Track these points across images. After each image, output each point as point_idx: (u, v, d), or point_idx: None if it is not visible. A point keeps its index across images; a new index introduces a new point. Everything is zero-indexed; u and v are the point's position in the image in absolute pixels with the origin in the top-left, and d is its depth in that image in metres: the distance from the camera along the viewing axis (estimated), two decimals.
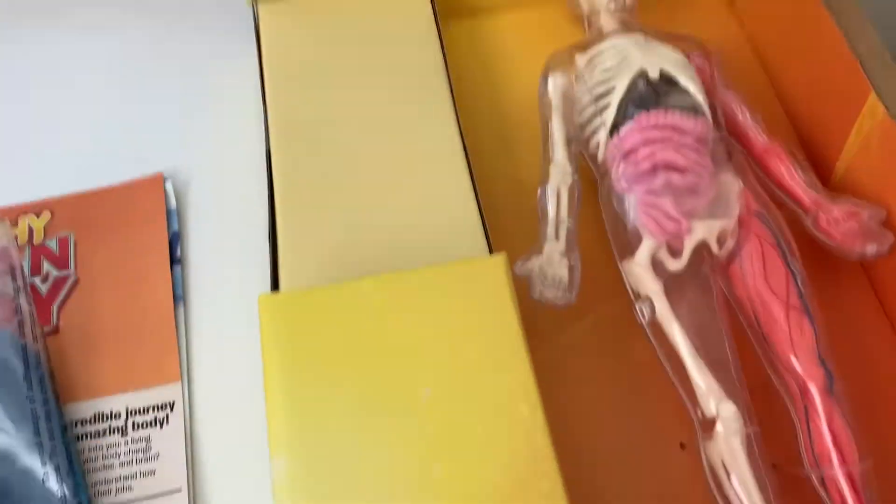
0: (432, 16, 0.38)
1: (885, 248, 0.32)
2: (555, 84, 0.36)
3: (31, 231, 0.37)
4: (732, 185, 0.33)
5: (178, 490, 0.31)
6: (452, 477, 0.25)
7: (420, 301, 0.28)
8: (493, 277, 0.29)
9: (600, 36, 0.37)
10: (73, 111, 0.40)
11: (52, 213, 0.37)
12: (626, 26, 0.37)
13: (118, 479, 0.32)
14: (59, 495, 0.30)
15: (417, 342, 0.27)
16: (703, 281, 0.32)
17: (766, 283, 0.31)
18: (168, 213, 0.37)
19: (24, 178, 0.38)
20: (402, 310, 0.28)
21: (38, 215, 0.37)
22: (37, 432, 0.31)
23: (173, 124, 0.40)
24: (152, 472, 0.32)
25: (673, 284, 0.31)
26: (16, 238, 0.36)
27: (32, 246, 0.37)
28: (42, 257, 0.36)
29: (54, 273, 0.36)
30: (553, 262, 0.32)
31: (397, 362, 0.27)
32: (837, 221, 0.32)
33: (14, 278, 0.34)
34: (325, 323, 0.28)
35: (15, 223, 0.37)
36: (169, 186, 0.38)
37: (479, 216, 0.32)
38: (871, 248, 0.32)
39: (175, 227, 0.37)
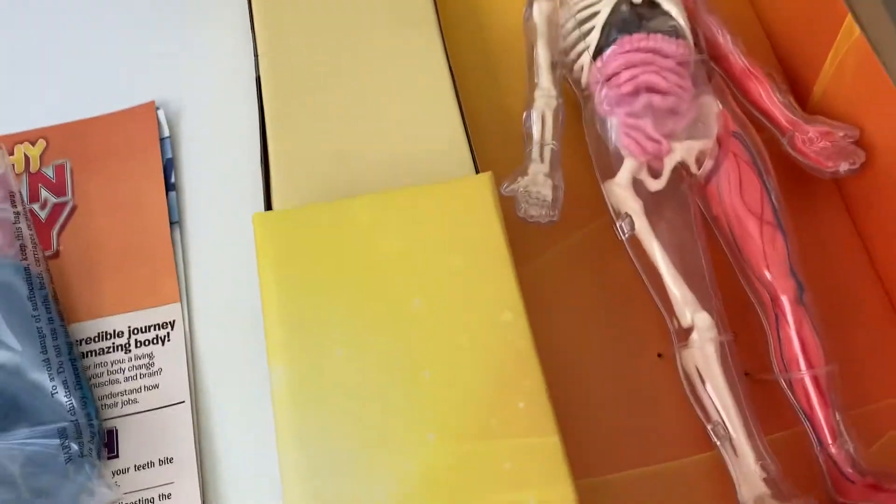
0: None
1: (857, 166, 0.33)
2: (539, 9, 0.37)
3: (27, 159, 0.38)
4: (711, 106, 0.34)
5: (182, 402, 0.33)
6: (441, 380, 0.26)
7: (409, 218, 0.29)
8: (479, 195, 0.30)
9: None
10: (65, 41, 0.41)
11: (47, 142, 0.38)
12: None
13: (123, 392, 0.33)
14: (68, 407, 0.31)
15: (407, 256, 0.28)
16: (681, 199, 0.33)
17: (742, 200, 0.32)
18: (161, 140, 0.38)
19: (17, 107, 0.39)
20: (392, 226, 0.29)
21: (33, 143, 0.38)
22: (44, 349, 0.32)
23: (164, 53, 0.40)
24: (156, 386, 0.33)
25: (652, 204, 0.33)
26: (13, 166, 0.37)
27: (29, 174, 0.37)
28: (39, 185, 0.37)
29: (52, 199, 0.37)
30: (537, 181, 0.33)
31: (388, 275, 0.28)
32: (812, 140, 0.33)
33: (13, 204, 0.35)
34: (318, 239, 0.29)
35: (11, 152, 0.38)
36: (161, 115, 0.38)
37: (465, 139, 0.33)
38: (843, 166, 0.33)
39: (168, 154, 0.38)
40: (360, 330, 0.27)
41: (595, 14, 0.35)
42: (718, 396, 0.30)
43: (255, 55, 0.35)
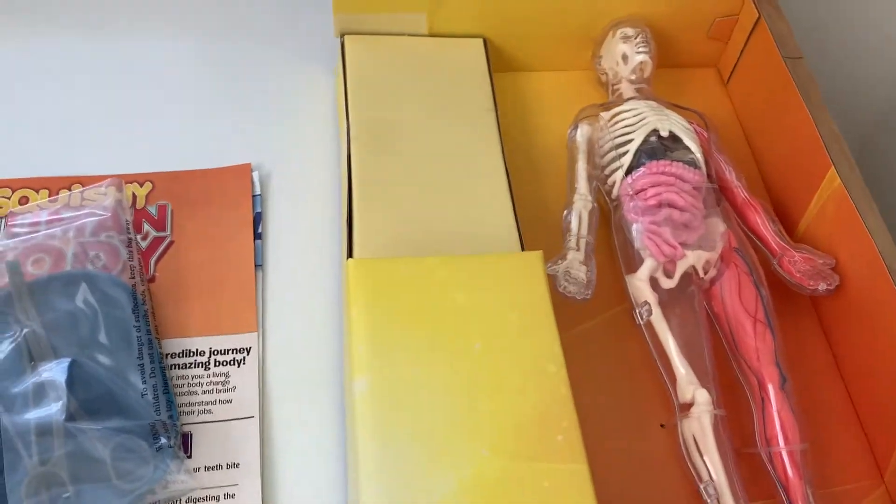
0: (486, 66, 0.47)
1: (833, 287, 0.40)
2: (582, 132, 0.45)
3: (134, 197, 0.44)
4: (718, 225, 0.41)
5: (251, 417, 0.38)
6: (493, 412, 0.32)
7: (474, 277, 0.36)
8: (532, 267, 0.36)
9: (620, 100, 0.46)
10: (179, 103, 0.48)
11: (153, 184, 0.44)
12: (643, 93, 0.46)
13: (200, 403, 0.38)
14: (156, 407, 0.36)
15: (473, 308, 0.34)
16: (689, 297, 0.40)
17: (740, 302, 0.39)
18: (253, 197, 0.44)
19: (131, 153, 0.45)
20: (463, 283, 0.35)
21: (141, 184, 0.44)
22: (140, 356, 0.37)
23: (262, 123, 0.47)
24: (229, 401, 0.38)
25: (665, 298, 0.39)
26: (123, 201, 0.43)
27: (136, 209, 0.43)
28: (143, 219, 0.43)
29: (153, 233, 0.43)
30: (574, 266, 0.39)
31: (456, 320, 0.34)
32: (797, 263, 0.41)
33: (125, 232, 0.41)
34: (402, 284, 0.35)
35: (121, 186, 0.44)
36: (255, 175, 0.45)
37: (516, 226, 0.40)
38: (822, 286, 0.40)
39: (258, 208, 0.44)
40: (432, 358, 0.33)
41: (629, 141, 0.43)
42: (711, 461, 0.36)
43: (347, 134, 0.42)
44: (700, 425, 0.36)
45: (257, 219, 0.44)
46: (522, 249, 0.39)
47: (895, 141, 0.66)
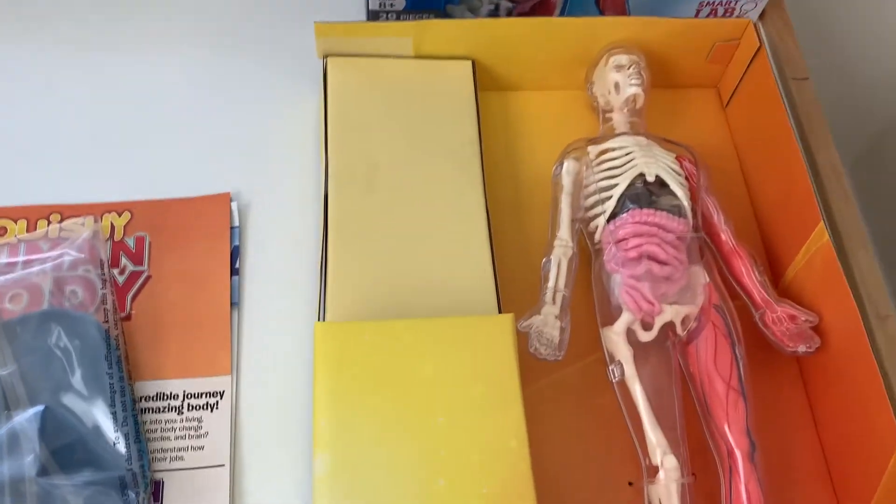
0: (473, 89, 0.46)
1: (813, 349, 0.39)
2: (568, 170, 0.43)
3: (112, 228, 0.44)
4: (700, 277, 0.40)
5: (222, 465, 0.38)
6: (453, 489, 0.32)
7: (442, 344, 0.35)
8: (501, 333, 0.36)
9: (611, 132, 0.44)
10: (158, 130, 0.47)
11: (131, 214, 0.44)
12: (634, 127, 0.44)
13: (172, 449, 0.38)
14: (127, 458, 0.37)
15: (437, 378, 0.34)
16: (665, 353, 0.39)
17: (715, 365, 0.38)
18: (231, 229, 0.44)
19: (111, 181, 0.45)
20: (428, 349, 0.35)
21: (119, 214, 0.44)
22: (112, 404, 0.38)
23: (241, 152, 0.46)
24: (201, 448, 0.39)
25: (640, 352, 0.39)
26: (100, 233, 0.43)
27: (114, 241, 0.43)
28: (121, 252, 0.43)
29: (130, 267, 0.43)
30: (548, 322, 0.39)
31: (420, 392, 0.34)
32: (780, 321, 0.40)
33: (100, 269, 0.41)
34: (367, 350, 0.35)
35: (99, 219, 0.44)
36: (234, 206, 0.44)
37: (493, 278, 0.39)
38: (801, 348, 0.39)
39: (236, 241, 0.44)
40: (393, 437, 0.33)
41: (614, 185, 0.41)
42: None
43: (326, 172, 0.42)
44: (667, 492, 0.36)
45: (235, 253, 0.43)
46: (499, 305, 0.38)
47: None
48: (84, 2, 0.51)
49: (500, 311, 0.38)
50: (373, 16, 0.48)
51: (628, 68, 0.45)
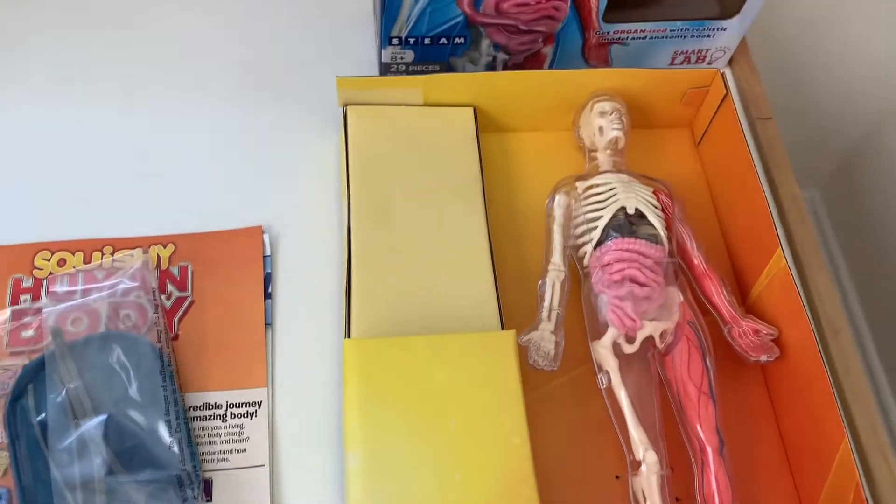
0: (475, 133, 0.52)
1: (773, 359, 0.46)
2: (559, 203, 0.50)
3: (159, 258, 0.49)
4: (675, 297, 0.46)
5: (262, 465, 0.44)
6: (467, 481, 0.38)
7: (453, 357, 0.41)
8: (504, 347, 0.42)
9: (596, 169, 0.51)
10: (198, 170, 0.53)
11: (175, 246, 0.50)
12: (616, 165, 0.51)
13: (219, 452, 0.44)
14: (181, 459, 0.42)
15: (450, 386, 0.40)
16: (646, 363, 0.45)
17: (688, 373, 0.44)
18: (264, 258, 0.50)
19: (156, 216, 0.51)
20: (442, 361, 0.41)
21: (164, 246, 0.50)
22: (167, 413, 0.43)
23: (271, 189, 0.52)
24: (244, 451, 0.44)
25: (624, 363, 0.45)
26: (149, 263, 0.49)
27: (160, 270, 0.49)
28: (167, 280, 0.49)
29: (176, 293, 0.48)
30: (545, 337, 0.45)
31: (435, 398, 0.40)
32: (745, 334, 0.46)
33: (150, 295, 0.47)
34: (389, 363, 0.41)
35: (147, 250, 0.49)
36: (266, 237, 0.50)
37: (496, 299, 0.45)
38: (763, 357, 0.46)
39: (268, 269, 0.50)
40: (414, 435, 0.39)
41: (599, 217, 0.47)
42: None
43: (348, 209, 0.48)
44: (648, 484, 0.42)
45: (267, 279, 0.49)
46: (501, 322, 0.44)
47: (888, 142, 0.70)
48: (129, 49, 0.57)
49: (502, 328, 0.44)
50: (385, 67, 0.54)
51: (610, 114, 0.51)
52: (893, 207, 0.73)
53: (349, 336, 0.43)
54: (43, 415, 0.42)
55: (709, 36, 0.55)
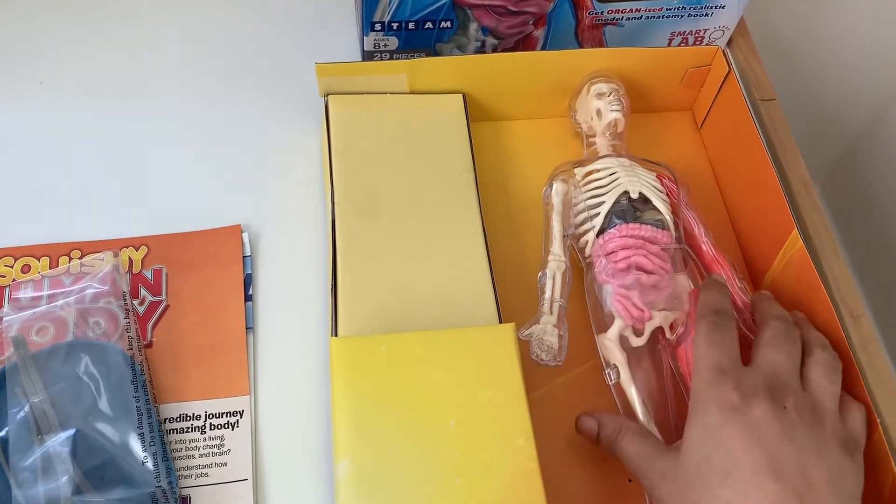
0: (465, 121, 0.49)
1: None
2: (557, 190, 0.47)
3: (130, 261, 0.46)
4: (685, 285, 0.43)
5: (245, 479, 0.40)
6: (468, 487, 0.35)
7: (450, 353, 0.38)
8: (503, 341, 0.39)
9: (595, 155, 0.48)
10: (170, 167, 0.50)
11: (148, 248, 0.46)
12: (616, 150, 0.48)
13: (198, 467, 0.41)
14: (156, 475, 0.39)
15: (447, 384, 0.37)
16: (656, 356, 0.42)
17: None
18: (243, 258, 0.46)
19: (127, 217, 0.47)
20: (437, 358, 0.38)
21: (136, 248, 0.46)
22: (140, 425, 0.40)
23: (250, 186, 0.49)
24: (225, 464, 0.41)
25: (633, 356, 0.42)
26: (120, 266, 0.45)
27: (132, 274, 0.46)
28: (139, 284, 0.45)
29: (149, 297, 0.45)
30: (547, 331, 0.42)
31: (432, 398, 0.36)
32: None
33: (121, 300, 0.43)
34: (380, 361, 0.37)
35: (118, 253, 0.46)
36: (245, 236, 0.47)
37: (493, 292, 0.42)
38: None
39: (248, 270, 0.46)
40: (410, 437, 0.35)
41: (601, 203, 0.45)
42: None
43: (332, 201, 0.44)
44: None
45: (248, 280, 0.46)
46: (499, 315, 0.41)
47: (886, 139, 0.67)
48: (98, 47, 0.54)
49: (500, 322, 0.41)
50: (368, 56, 0.51)
51: (608, 95, 0.48)
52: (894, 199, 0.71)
53: (336, 334, 0.40)
54: (4, 431, 0.39)
55: (707, 14, 0.52)
